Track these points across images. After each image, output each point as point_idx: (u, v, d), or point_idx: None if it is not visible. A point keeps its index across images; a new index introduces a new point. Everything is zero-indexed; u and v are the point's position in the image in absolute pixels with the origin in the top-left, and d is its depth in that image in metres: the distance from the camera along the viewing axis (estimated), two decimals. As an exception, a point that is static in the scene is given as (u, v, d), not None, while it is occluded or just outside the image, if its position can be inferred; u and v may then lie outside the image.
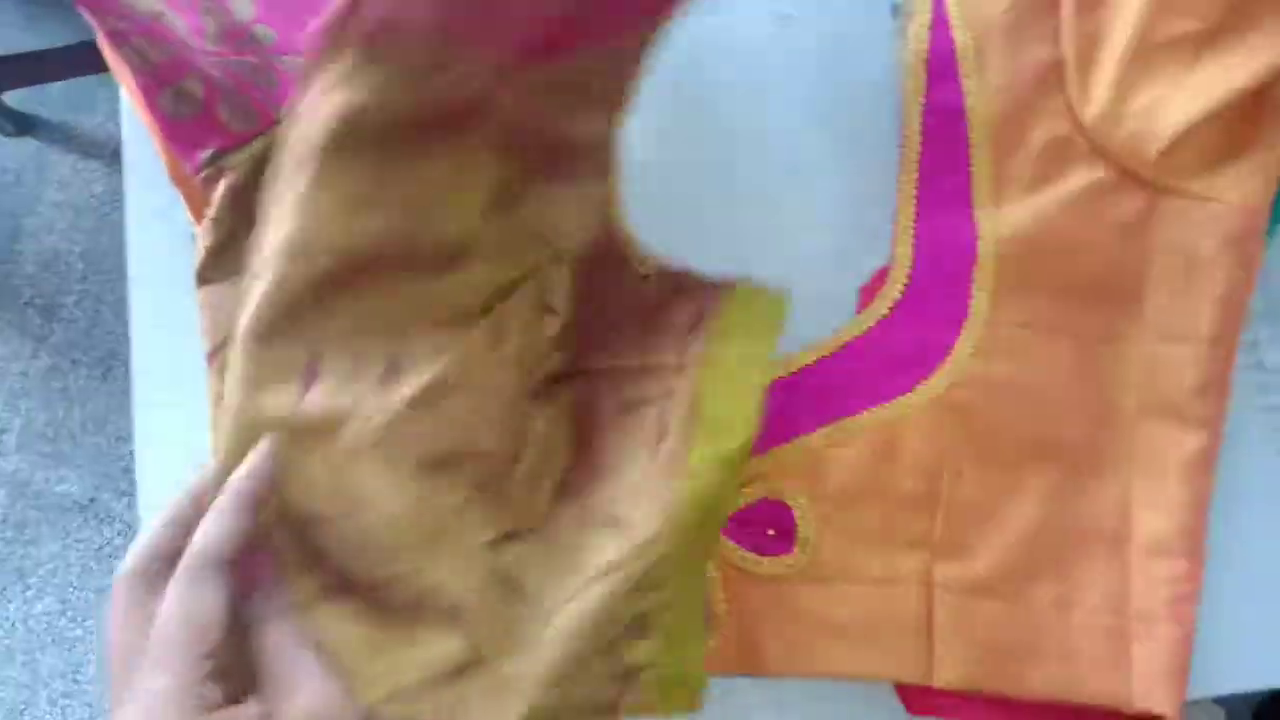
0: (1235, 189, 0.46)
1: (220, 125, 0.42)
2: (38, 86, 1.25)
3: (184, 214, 0.45)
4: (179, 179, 0.44)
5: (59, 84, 1.26)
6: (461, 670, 0.37)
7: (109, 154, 1.27)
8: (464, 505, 0.39)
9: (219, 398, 0.40)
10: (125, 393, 1.21)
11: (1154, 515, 0.45)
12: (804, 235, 0.49)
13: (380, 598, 0.37)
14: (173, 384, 0.48)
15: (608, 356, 0.43)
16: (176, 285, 0.48)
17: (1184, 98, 0.45)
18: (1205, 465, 0.45)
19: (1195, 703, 0.45)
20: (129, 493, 1.20)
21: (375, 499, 0.37)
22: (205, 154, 0.42)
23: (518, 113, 0.40)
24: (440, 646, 0.37)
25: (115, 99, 1.26)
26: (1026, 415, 0.45)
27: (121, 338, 1.22)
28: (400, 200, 0.38)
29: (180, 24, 0.40)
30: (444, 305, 0.40)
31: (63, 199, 1.26)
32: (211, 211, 0.42)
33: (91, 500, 1.19)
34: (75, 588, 1.18)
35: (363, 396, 0.37)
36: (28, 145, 1.26)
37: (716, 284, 0.42)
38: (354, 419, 0.37)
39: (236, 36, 0.40)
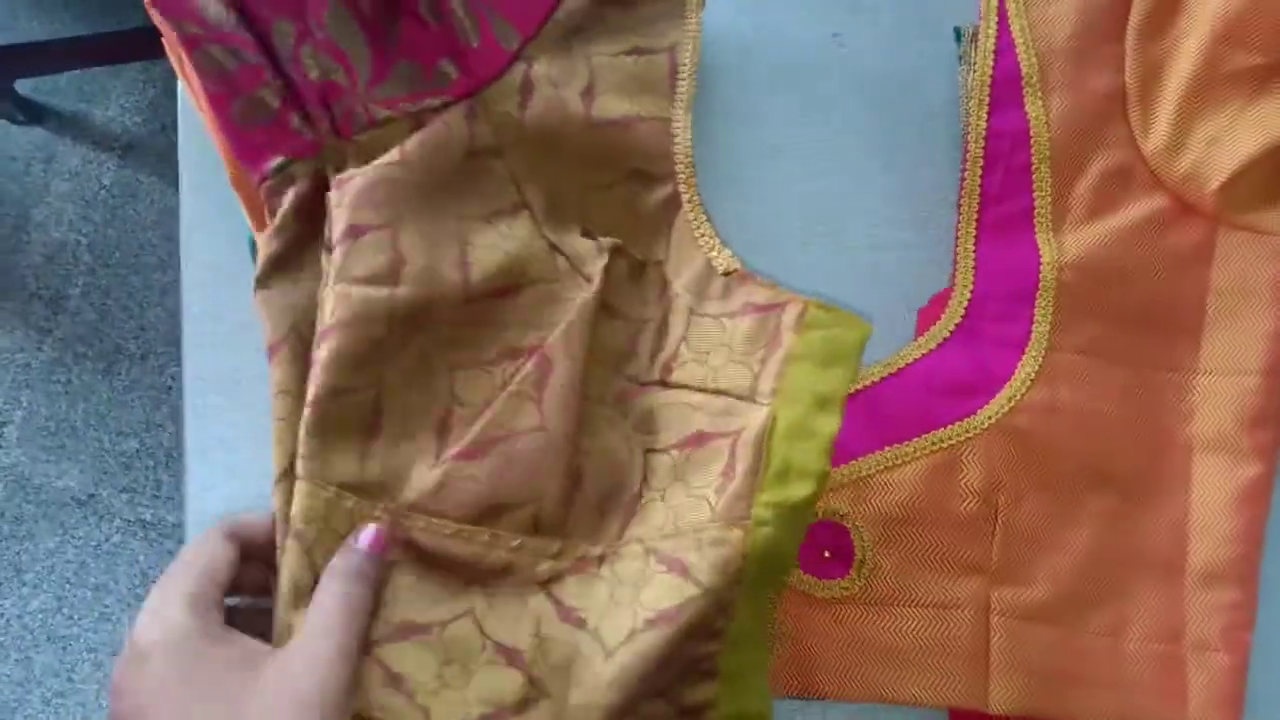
0: (1295, 223, 0.46)
1: (291, 134, 0.41)
2: (49, 76, 1.24)
3: (239, 220, 0.45)
4: (240, 185, 0.43)
5: (70, 74, 1.25)
6: (524, 704, 0.38)
7: (121, 146, 1.26)
8: (520, 547, 0.40)
9: (281, 389, 0.40)
10: (128, 388, 1.20)
11: (1208, 544, 0.45)
12: (863, 256, 0.49)
13: (441, 637, 0.39)
14: (225, 390, 0.47)
15: (677, 372, 0.43)
16: (230, 289, 0.47)
17: (1245, 132, 0.46)
18: (1260, 495, 0.45)
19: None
20: (129, 489, 1.18)
21: (434, 548, 0.40)
22: (274, 162, 0.41)
23: None
24: (502, 680, 0.38)
25: (128, 92, 1.26)
26: (1085, 442, 0.45)
27: (128, 333, 1.21)
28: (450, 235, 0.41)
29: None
30: (494, 341, 0.42)
31: (72, 190, 1.25)
32: (276, 220, 0.42)
33: (91, 496, 1.18)
34: (72, 584, 1.17)
35: (418, 456, 0.41)
36: (37, 135, 1.25)
37: (796, 300, 0.42)
38: (411, 477, 0.40)
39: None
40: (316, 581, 0.38)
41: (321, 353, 0.39)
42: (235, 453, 0.47)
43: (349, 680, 0.36)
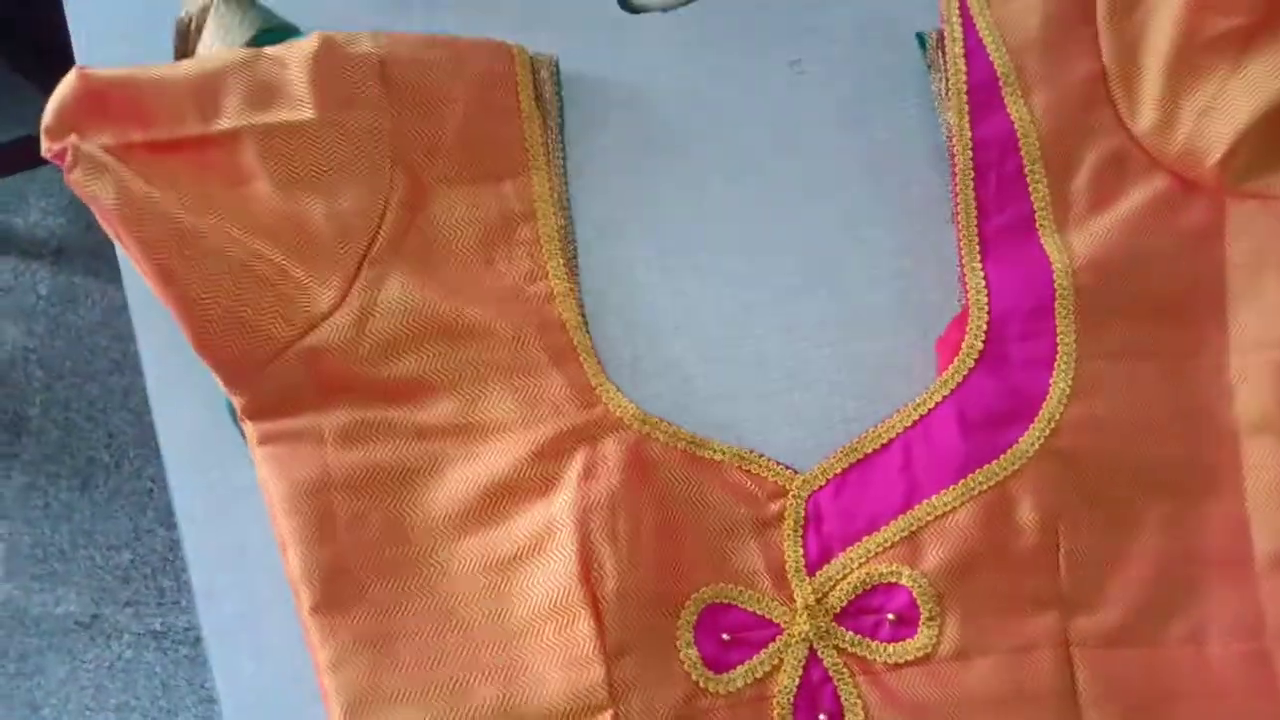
0: (1302, 185, 0.44)
1: None
2: (-40, 193, 1.19)
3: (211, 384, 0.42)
4: (205, 351, 0.41)
5: (-17, 187, 1.20)
6: None
7: (50, 252, 1.21)
8: None
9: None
10: (109, 499, 1.16)
11: (1270, 529, 0.43)
12: (865, 291, 0.47)
13: None
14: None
15: None
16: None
17: (1236, 98, 0.44)
18: (1317, 472, 0.44)
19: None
20: (132, 602, 1.15)
21: None
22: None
23: None
24: None
25: (46, 193, 1.21)
26: (1132, 448, 0.43)
27: (97, 443, 1.17)
28: None
29: None
30: None
31: (8, 306, 1.20)
32: None
33: (94, 617, 1.14)
34: (92, 710, 1.14)
35: None
36: (-40, 257, 1.20)
37: None
38: None
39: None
40: None
41: None
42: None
43: None
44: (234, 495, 0.44)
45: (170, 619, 1.14)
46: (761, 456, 0.44)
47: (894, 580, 0.43)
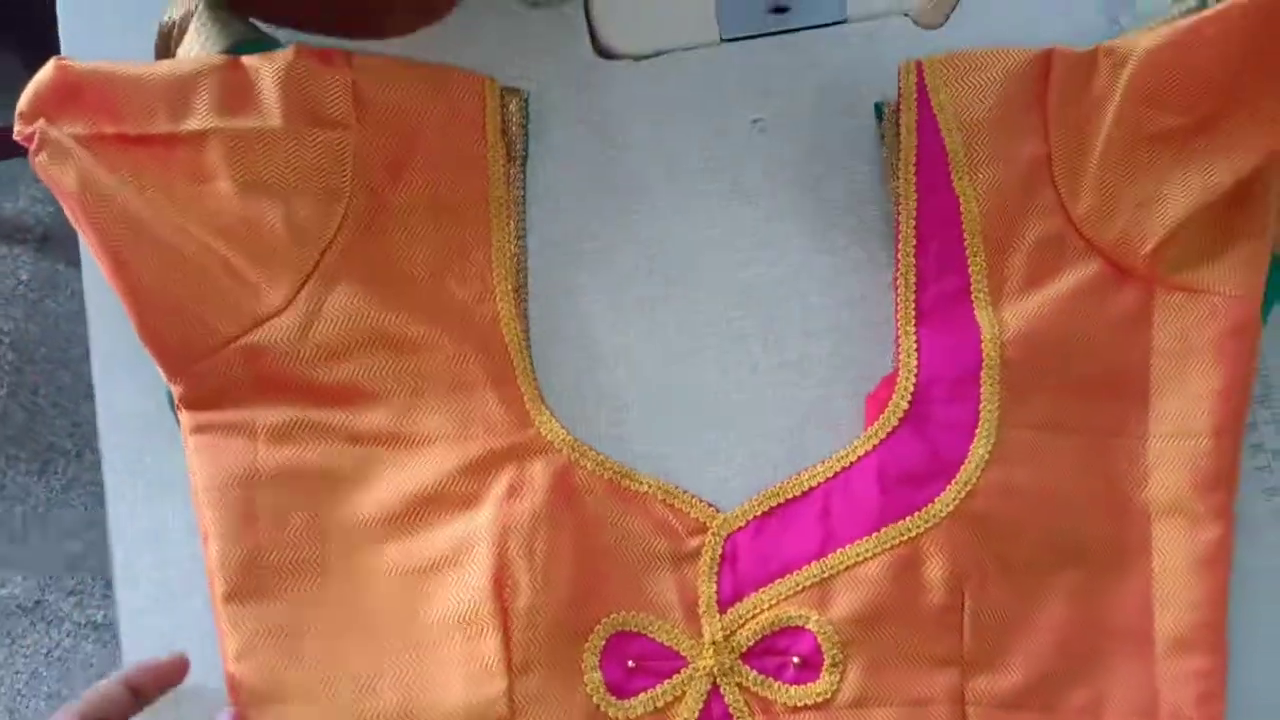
0: (1229, 280, 0.46)
1: None
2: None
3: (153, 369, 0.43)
4: (149, 340, 0.42)
5: (-26, 169, 1.21)
6: None
7: (35, 239, 1.22)
8: None
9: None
10: (66, 488, 1.16)
11: (1173, 612, 0.45)
12: (801, 342, 0.48)
13: None
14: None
15: None
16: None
17: (1173, 194, 0.45)
18: (1221, 558, 0.45)
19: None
20: (76, 591, 1.14)
21: None
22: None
23: None
24: None
25: (38, 181, 1.21)
26: (1045, 518, 0.45)
27: (60, 430, 1.17)
28: None
29: None
30: None
31: (-13, 288, 1.20)
32: None
33: (37, 603, 1.14)
34: (24, 695, 1.13)
35: None
36: (-54, 235, 1.21)
37: None
38: None
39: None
40: None
41: None
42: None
43: None
44: (164, 482, 0.45)
45: (112, 612, 1.13)
46: (686, 493, 0.45)
47: (801, 624, 0.44)
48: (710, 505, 0.45)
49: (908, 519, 0.44)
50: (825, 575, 0.44)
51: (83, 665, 1.13)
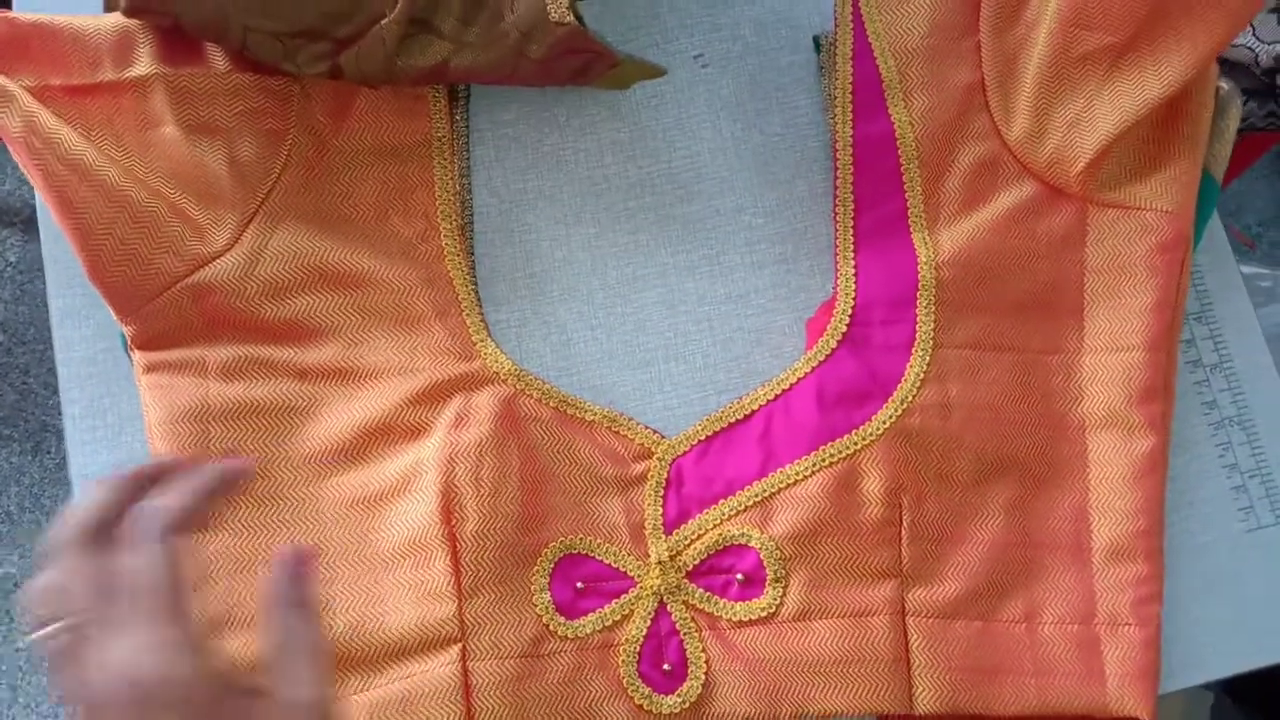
0: (1161, 197, 0.47)
1: None
2: (-60, 157, 1.21)
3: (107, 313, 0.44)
4: (98, 278, 0.43)
5: (-38, 153, 1.22)
6: None
7: (23, 221, 1.23)
8: None
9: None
10: (59, 466, 1.17)
11: (1110, 521, 0.46)
12: (746, 273, 0.49)
13: None
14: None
15: None
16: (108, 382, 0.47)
17: (1103, 112, 0.46)
18: (1156, 468, 0.46)
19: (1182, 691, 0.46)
20: (73, 568, 1.16)
21: None
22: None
23: None
24: None
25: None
26: (980, 434, 0.46)
27: (52, 409, 1.18)
28: None
29: None
30: None
31: (-23, 271, 1.22)
32: None
33: (34, 580, 1.15)
34: (25, 672, 1.14)
35: None
36: (-65, 219, 1.22)
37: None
38: None
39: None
40: None
41: None
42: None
43: None
44: (121, 421, 0.46)
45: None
46: (631, 420, 0.46)
47: (744, 542, 0.45)
48: (655, 431, 0.46)
49: (845, 437, 0.45)
50: (766, 494, 0.45)
51: (81, 639, 1.14)
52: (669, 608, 0.45)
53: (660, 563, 0.45)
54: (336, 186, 0.46)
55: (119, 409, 0.46)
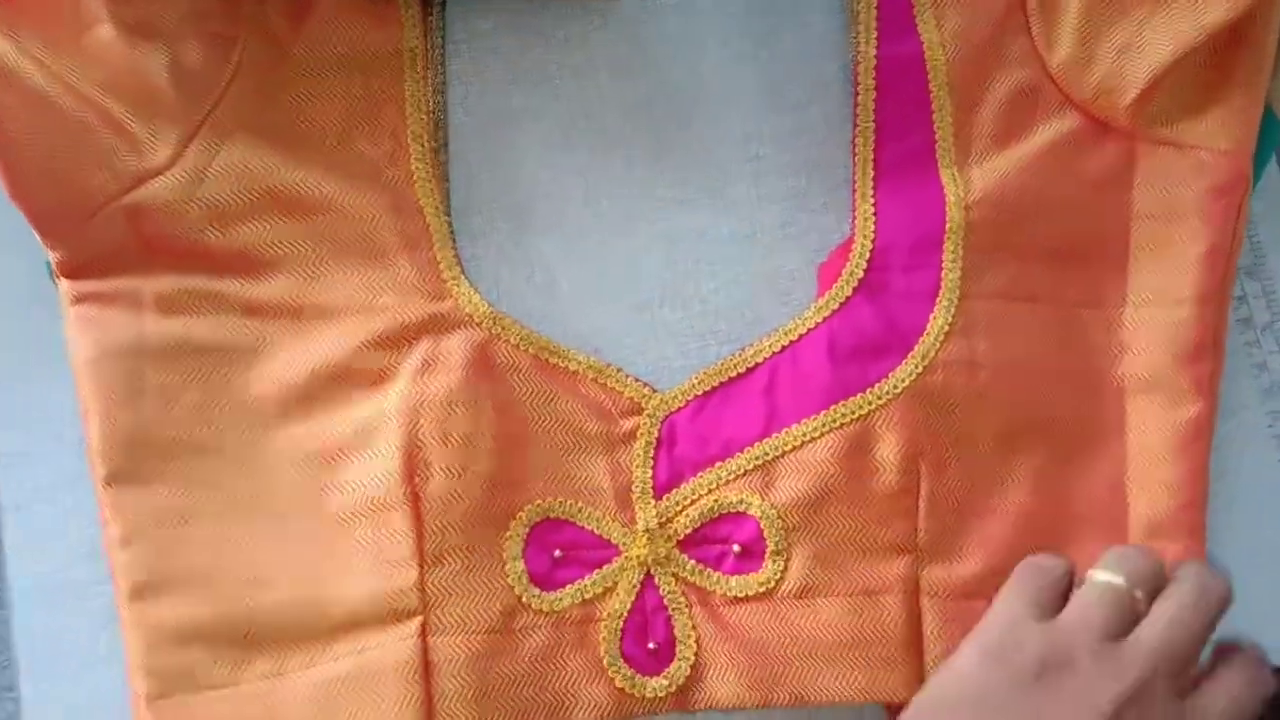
0: (1218, 135, 0.42)
1: None
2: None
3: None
4: (20, 197, 0.38)
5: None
6: None
7: None
8: None
9: None
10: None
11: (1149, 494, 0.41)
12: (752, 209, 0.44)
13: None
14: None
15: None
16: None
17: (1156, 37, 0.41)
18: (1201, 436, 0.41)
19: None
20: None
21: None
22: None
23: None
24: None
25: None
26: (1009, 395, 0.41)
27: None
28: None
29: None
30: None
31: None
32: None
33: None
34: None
35: None
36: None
37: None
38: None
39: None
40: None
41: None
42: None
43: None
44: (46, 358, 0.41)
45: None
46: (620, 371, 0.42)
47: (743, 510, 0.40)
48: (646, 385, 0.42)
49: (859, 395, 0.40)
50: (769, 457, 0.40)
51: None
52: (656, 580, 0.40)
53: (648, 530, 0.40)
54: (293, 100, 0.41)
55: (44, 344, 0.41)
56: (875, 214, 0.42)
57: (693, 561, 0.40)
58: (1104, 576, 0.37)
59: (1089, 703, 0.33)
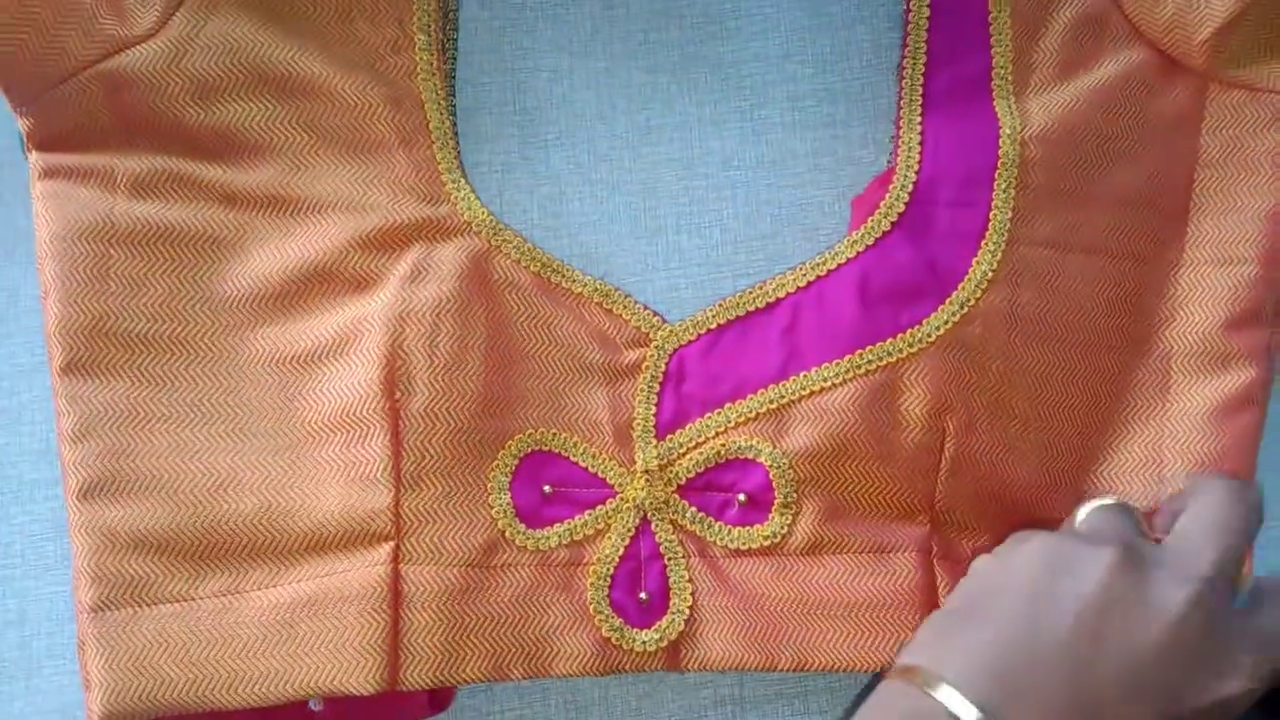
0: (1299, 79, 0.38)
1: None
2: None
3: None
4: None
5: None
6: None
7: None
8: None
9: None
10: None
11: (1188, 467, 0.38)
12: (784, 135, 0.41)
13: None
14: None
15: None
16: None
17: (1241, -32, 0.37)
18: (1250, 406, 0.38)
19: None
20: None
21: None
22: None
23: None
24: None
25: None
26: (1048, 354, 0.38)
27: None
28: None
29: None
30: None
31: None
32: None
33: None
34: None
35: None
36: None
37: None
38: None
39: None
40: None
41: None
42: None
43: None
44: (15, 237, 0.38)
45: None
46: (627, 297, 0.38)
47: (751, 456, 0.37)
48: (655, 314, 0.38)
49: (888, 341, 0.37)
50: (784, 401, 0.37)
51: None
52: (653, 526, 0.37)
53: (647, 472, 0.37)
54: None
55: (14, 223, 0.38)
56: (921, 144, 0.38)
57: (693, 509, 0.37)
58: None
59: (1158, 603, 0.31)
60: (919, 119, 0.39)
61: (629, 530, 0.37)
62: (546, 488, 0.37)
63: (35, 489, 0.38)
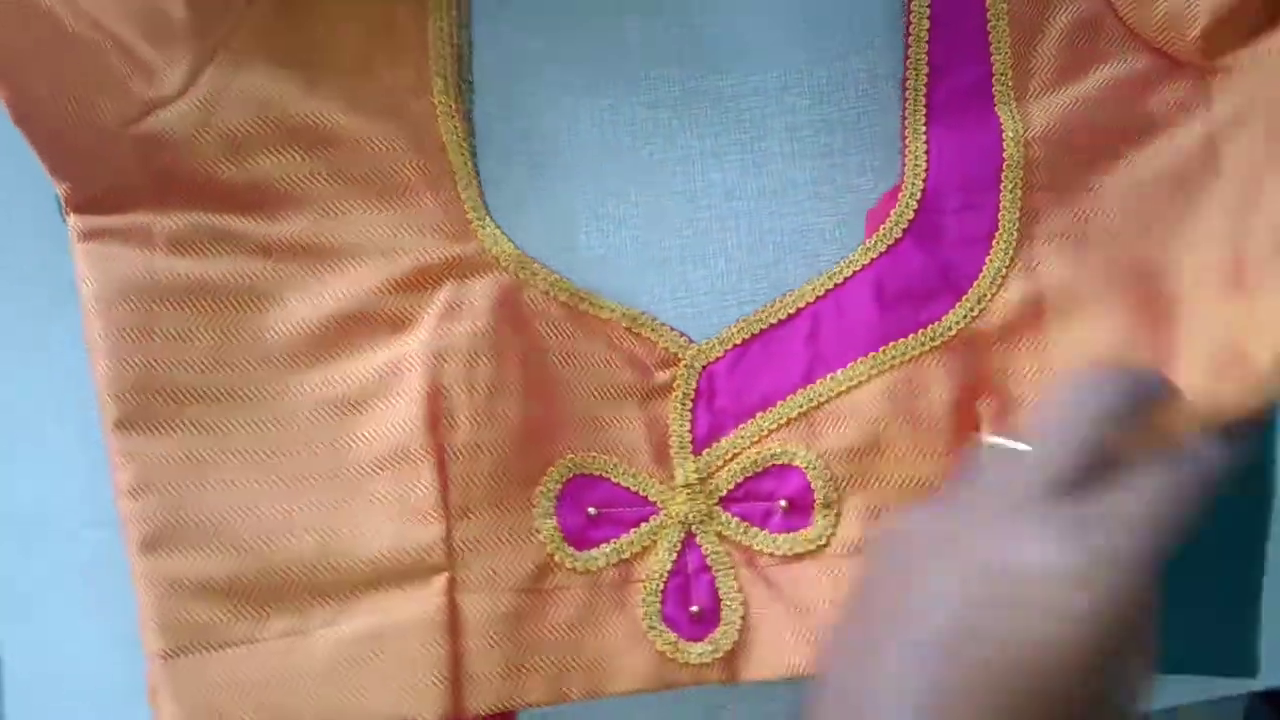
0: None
1: None
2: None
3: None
4: (24, 121, 0.36)
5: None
6: None
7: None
8: None
9: None
10: None
11: None
12: (784, 165, 0.42)
13: None
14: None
15: None
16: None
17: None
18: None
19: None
20: None
21: None
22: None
23: None
24: None
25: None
26: (1068, 345, 0.38)
27: None
28: None
29: None
30: None
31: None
32: None
33: None
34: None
35: None
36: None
37: None
38: None
39: None
40: None
41: None
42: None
43: None
44: (55, 295, 0.39)
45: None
46: (654, 320, 0.39)
47: (788, 461, 0.38)
48: (683, 335, 0.39)
49: (910, 337, 0.38)
50: (813, 404, 0.38)
51: None
52: (698, 539, 0.38)
53: (688, 486, 0.38)
54: (313, 27, 0.38)
55: (53, 281, 0.39)
56: (927, 153, 0.40)
57: (736, 519, 0.38)
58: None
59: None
60: (924, 129, 0.40)
61: (675, 545, 0.37)
62: (591, 509, 0.37)
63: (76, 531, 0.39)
